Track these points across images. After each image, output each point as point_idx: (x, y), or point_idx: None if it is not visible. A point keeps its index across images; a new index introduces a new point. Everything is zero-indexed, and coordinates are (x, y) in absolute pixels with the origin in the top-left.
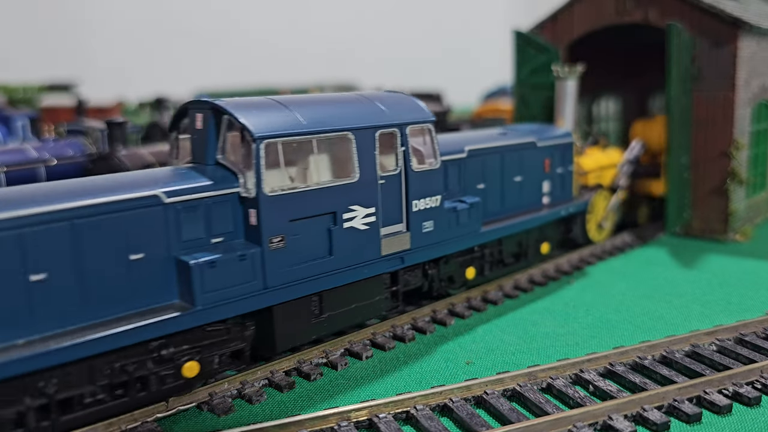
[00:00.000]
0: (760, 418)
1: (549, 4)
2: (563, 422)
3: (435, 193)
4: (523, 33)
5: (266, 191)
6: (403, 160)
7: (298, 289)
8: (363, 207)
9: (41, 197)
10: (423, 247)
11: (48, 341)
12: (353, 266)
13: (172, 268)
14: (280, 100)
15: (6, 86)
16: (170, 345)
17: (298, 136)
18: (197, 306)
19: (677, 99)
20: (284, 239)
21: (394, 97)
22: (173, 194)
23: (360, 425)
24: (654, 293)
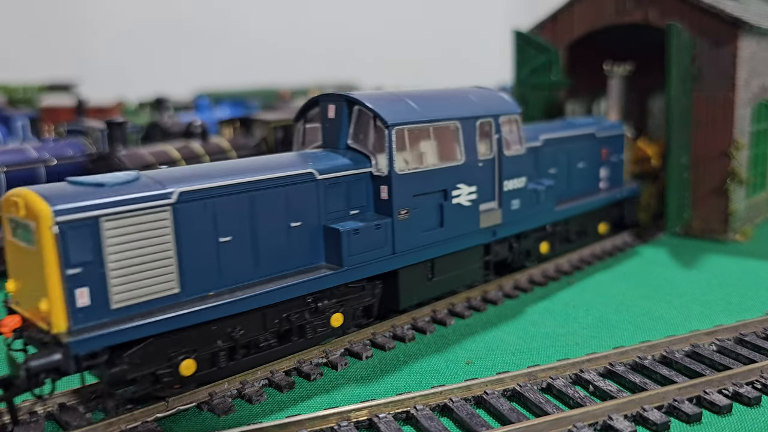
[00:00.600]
0: (760, 418)
1: (549, 4)
2: (563, 422)
3: (521, 175)
4: (523, 33)
5: (397, 170)
6: (497, 146)
7: (417, 255)
8: (467, 186)
9: (227, 173)
10: (511, 222)
11: (233, 292)
12: (458, 237)
13: (320, 234)
14: (398, 93)
15: (6, 86)
16: (323, 299)
17: (419, 124)
18: (344, 266)
19: (677, 99)
20: (408, 212)
21: (485, 91)
22: (323, 172)
23: (360, 425)
24: (654, 293)
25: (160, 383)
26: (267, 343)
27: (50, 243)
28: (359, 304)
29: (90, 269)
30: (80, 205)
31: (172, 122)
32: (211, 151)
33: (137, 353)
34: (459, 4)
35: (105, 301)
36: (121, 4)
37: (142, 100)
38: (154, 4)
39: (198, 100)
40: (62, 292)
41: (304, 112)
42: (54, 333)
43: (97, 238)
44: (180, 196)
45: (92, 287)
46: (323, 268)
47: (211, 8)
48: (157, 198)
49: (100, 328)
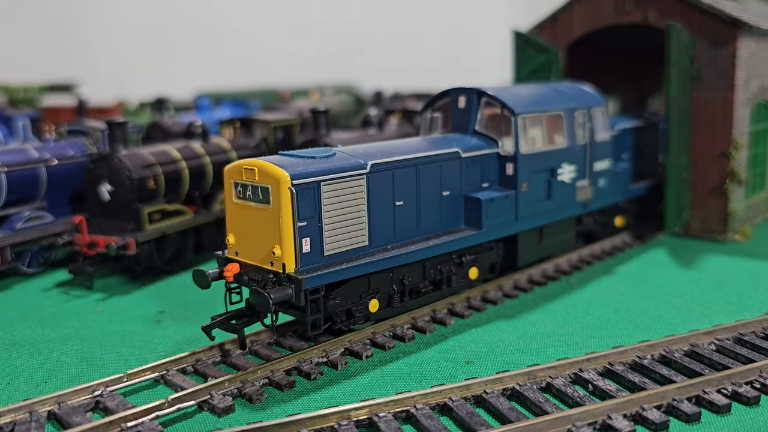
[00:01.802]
0: (759, 418)
1: (549, 4)
2: (563, 421)
3: (606, 157)
4: (522, 33)
5: (521, 150)
6: (589, 133)
7: (533, 221)
8: (569, 165)
9: (400, 150)
10: (599, 197)
11: (405, 246)
12: (561, 208)
13: (461, 202)
14: (513, 88)
15: (7, 86)
16: (465, 254)
17: (535, 113)
18: (483, 228)
19: (676, 99)
20: (528, 185)
21: (576, 87)
22: (466, 150)
23: (360, 424)
24: (653, 293)
25: (353, 317)
26: (426, 289)
27: (288, 201)
28: (489, 261)
29: (312, 223)
30: (307, 170)
31: (172, 122)
32: (212, 152)
33: (341, 292)
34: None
35: (320, 249)
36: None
37: (142, 100)
38: (155, 4)
39: (198, 100)
40: (294, 240)
41: (432, 103)
42: (288, 273)
43: (318, 199)
44: (372, 167)
45: (312, 238)
46: (466, 230)
47: (212, 9)
48: (357, 167)
49: (319, 269)
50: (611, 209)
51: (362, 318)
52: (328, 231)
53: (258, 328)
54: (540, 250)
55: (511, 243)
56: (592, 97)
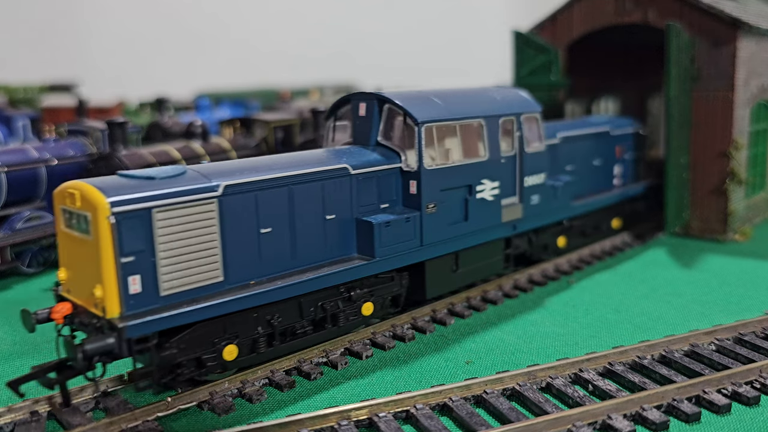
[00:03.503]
0: (759, 418)
1: (549, 4)
2: (562, 421)
3: (541, 171)
4: (522, 33)
5: (425, 165)
6: (518, 143)
7: (443, 247)
8: (490, 181)
9: (268, 167)
10: (531, 216)
11: (273, 281)
12: (482, 230)
13: (353, 227)
14: (425, 92)
15: (7, 86)
16: (355, 288)
17: (446, 122)
18: (377, 257)
19: (676, 99)
20: (436, 205)
21: (507, 90)
22: (357, 167)
23: (360, 424)
24: (653, 293)
25: (204, 367)
26: (303, 330)
27: (107, 232)
28: (388, 294)
29: (142, 258)
30: (134, 196)
31: (172, 122)
32: (212, 151)
33: (184, 338)
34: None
35: (155, 288)
36: (122, 4)
37: (142, 100)
38: (155, 4)
39: (198, 100)
40: (116, 279)
41: (334, 111)
42: (108, 318)
43: (150, 229)
44: (225, 189)
45: (144, 275)
46: (356, 259)
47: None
48: (205, 191)
49: (151, 313)
50: (553, 228)
51: (217, 367)
52: (166, 267)
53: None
54: (456, 278)
55: (420, 272)
56: (523, 103)
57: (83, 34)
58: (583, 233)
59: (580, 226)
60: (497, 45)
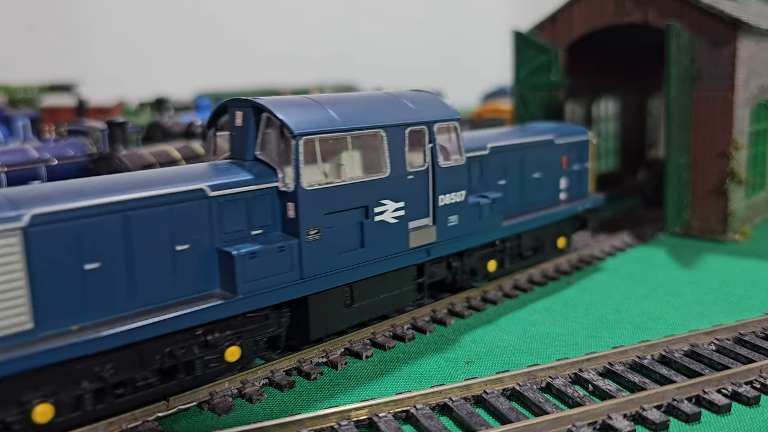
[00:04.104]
0: (759, 418)
1: (549, 4)
2: (562, 421)
3: (460, 188)
4: (522, 33)
5: (304, 185)
6: (430, 157)
7: (331, 279)
8: (393, 201)
9: (97, 191)
10: (448, 240)
11: (100, 327)
12: (383, 258)
13: (214, 258)
14: (315, 98)
15: (7, 86)
16: (215, 331)
17: (334, 133)
18: (239, 295)
19: (676, 99)
20: (320, 231)
21: (422, 95)
22: (217, 188)
23: (360, 424)
24: (653, 293)
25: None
26: (145, 382)
27: None
28: (261, 335)
29: None
30: None
31: (172, 122)
32: None
33: None
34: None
35: None
36: (122, 4)
37: (142, 100)
38: (155, 4)
39: (198, 100)
40: None
41: (214, 119)
42: None
43: None
44: (33, 219)
45: None
46: (216, 297)
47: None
48: (3, 221)
49: None
50: (481, 251)
51: (27, 430)
52: None
53: None
54: (352, 314)
55: (304, 308)
56: (438, 110)
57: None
58: (520, 255)
59: (516, 247)
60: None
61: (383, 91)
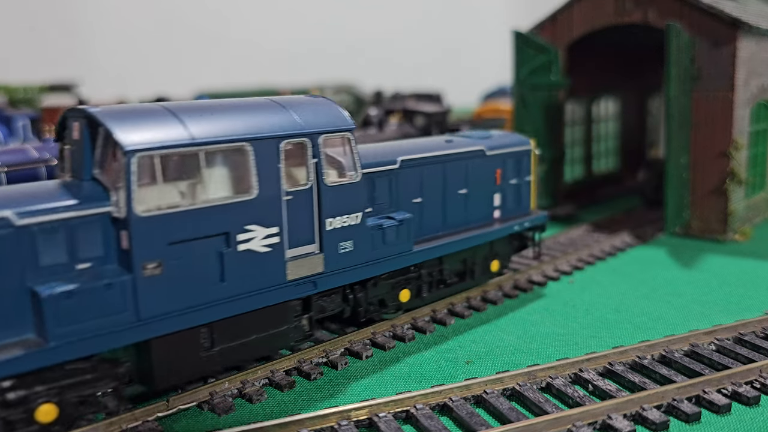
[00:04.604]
0: (759, 418)
1: (549, 4)
2: (562, 421)
3: (354, 209)
4: (522, 33)
5: (138, 211)
6: (315, 174)
7: (180, 320)
8: (263, 226)
9: None
10: (340, 269)
11: None
12: (251, 293)
13: (26, 299)
14: (170, 106)
15: (7, 86)
16: (21, 386)
17: (182, 148)
18: (51, 343)
19: (676, 99)
20: (162, 265)
21: (312, 102)
22: (27, 215)
23: (360, 424)
24: (653, 293)
25: None
26: None
27: None
28: (91, 389)
29: None
30: None
31: None
32: None
33: None
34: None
35: None
36: (122, 4)
37: (142, 100)
38: (155, 4)
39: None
40: None
41: (61, 131)
42: None
43: None
44: None
45: None
46: (24, 345)
47: (211, 8)
48: None
49: None
50: (392, 279)
51: None
52: None
53: None
54: (212, 359)
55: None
56: (325, 119)
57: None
58: (443, 282)
59: (437, 273)
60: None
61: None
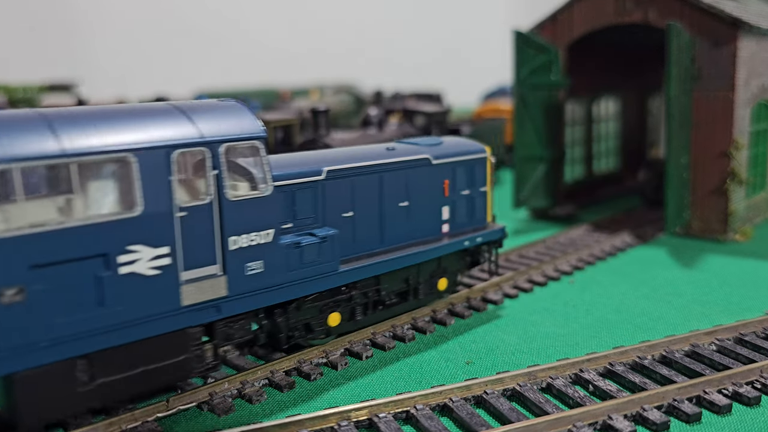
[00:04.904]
0: (759, 418)
1: (549, 4)
2: (563, 422)
3: (264, 226)
4: (522, 33)
5: None
6: (215, 187)
7: (49, 352)
8: (150, 247)
9: None
10: (248, 292)
11: None
12: (137, 321)
13: None
14: (45, 113)
15: (6, 86)
16: None
17: (47, 160)
18: None
19: (677, 99)
20: (23, 291)
21: (218, 107)
22: None
23: (360, 425)
24: (654, 293)
25: None
26: None
27: None
28: None
29: None
30: None
31: None
32: None
33: None
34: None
35: None
36: (122, 4)
37: (142, 100)
38: (155, 4)
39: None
40: None
41: None
42: None
43: None
44: None
45: None
46: None
47: (211, 8)
48: None
49: None
50: (319, 302)
51: None
52: None
53: None
54: (92, 394)
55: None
56: (229, 126)
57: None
58: (381, 303)
59: (373, 293)
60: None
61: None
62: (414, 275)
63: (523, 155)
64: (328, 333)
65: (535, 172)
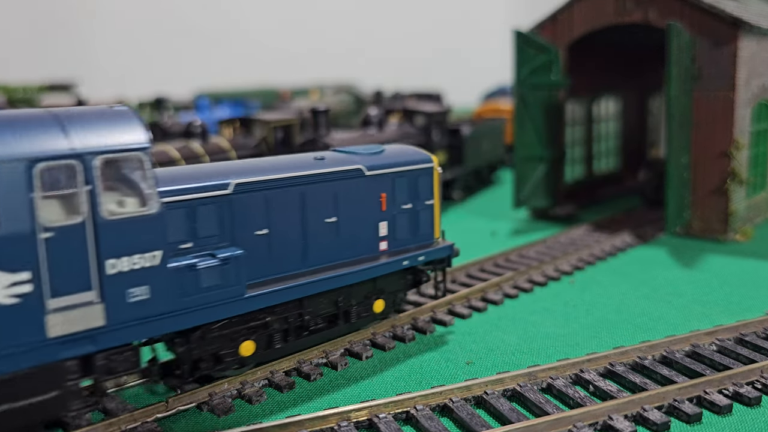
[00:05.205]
0: (760, 418)
1: (549, 4)
2: (563, 422)
3: (150, 247)
4: (522, 33)
5: None
6: (88, 205)
7: None
8: (4, 272)
9: None
10: (132, 321)
11: None
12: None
13: None
14: None
15: (6, 86)
16: None
17: None
18: None
19: (677, 99)
20: None
21: (99, 114)
22: None
23: (360, 425)
24: (654, 293)
25: None
26: None
27: None
28: None
29: None
30: None
31: (172, 122)
32: (211, 151)
33: None
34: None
35: None
36: (122, 4)
37: (142, 100)
38: (154, 4)
39: (198, 100)
40: None
41: None
42: None
43: None
44: None
45: None
46: None
47: (211, 8)
48: None
49: None
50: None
51: None
52: None
53: None
54: None
55: None
56: (107, 136)
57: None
58: (305, 328)
59: (295, 318)
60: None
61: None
62: (345, 297)
63: (523, 155)
64: (242, 363)
65: (535, 172)
